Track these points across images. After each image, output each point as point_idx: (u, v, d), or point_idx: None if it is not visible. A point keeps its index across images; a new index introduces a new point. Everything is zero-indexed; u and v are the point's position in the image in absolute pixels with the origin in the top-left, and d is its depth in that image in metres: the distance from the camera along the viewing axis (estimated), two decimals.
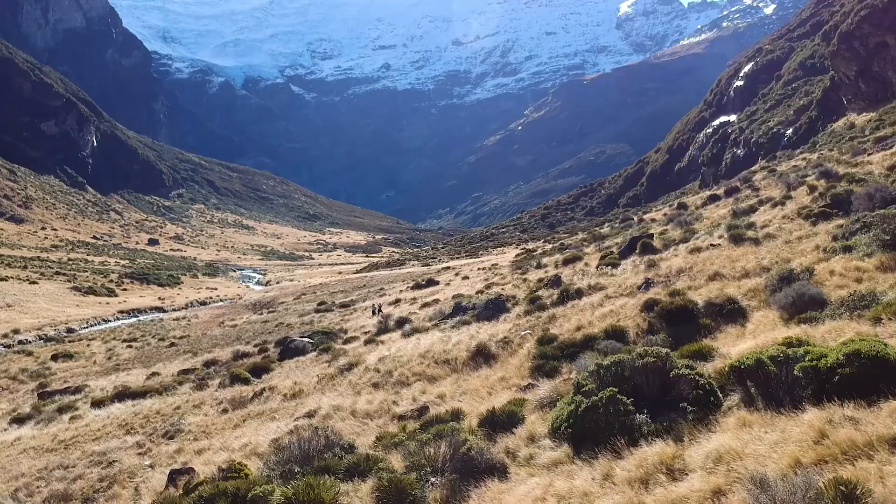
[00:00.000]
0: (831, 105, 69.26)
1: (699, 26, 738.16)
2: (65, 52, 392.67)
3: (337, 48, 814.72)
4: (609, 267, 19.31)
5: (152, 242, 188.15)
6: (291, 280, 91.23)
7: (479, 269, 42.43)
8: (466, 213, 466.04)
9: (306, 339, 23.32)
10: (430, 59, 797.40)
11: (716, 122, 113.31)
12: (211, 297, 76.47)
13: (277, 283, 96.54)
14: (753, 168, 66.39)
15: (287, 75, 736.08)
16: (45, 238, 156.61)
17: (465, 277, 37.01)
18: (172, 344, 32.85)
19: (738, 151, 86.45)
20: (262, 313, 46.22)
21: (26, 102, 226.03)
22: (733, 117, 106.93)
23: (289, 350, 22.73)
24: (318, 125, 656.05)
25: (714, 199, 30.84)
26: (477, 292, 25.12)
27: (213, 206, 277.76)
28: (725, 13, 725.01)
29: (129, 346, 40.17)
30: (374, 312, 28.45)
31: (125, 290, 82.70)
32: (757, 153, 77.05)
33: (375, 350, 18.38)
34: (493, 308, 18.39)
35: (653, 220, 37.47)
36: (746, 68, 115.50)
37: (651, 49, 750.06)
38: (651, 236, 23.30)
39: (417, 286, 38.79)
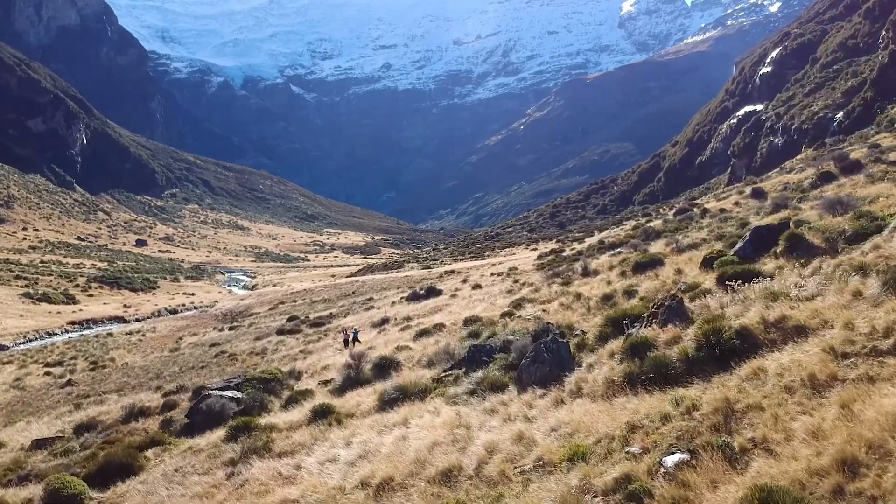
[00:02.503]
0: (888, 84, 60.61)
1: (703, 25, 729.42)
2: (59, 50, 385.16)
3: (337, 48, 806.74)
4: (762, 280, 10.43)
5: (140, 243, 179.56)
6: (275, 285, 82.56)
7: (492, 274, 33.31)
8: (468, 213, 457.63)
9: (229, 395, 14.57)
10: (431, 59, 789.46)
11: (741, 112, 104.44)
12: (184, 305, 67.79)
13: (263, 287, 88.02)
14: (802, 154, 57.58)
15: (287, 75, 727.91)
16: (25, 239, 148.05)
17: (477, 286, 28.13)
18: (69, 382, 24.27)
19: (776, 140, 77.61)
20: (222, 329, 37.67)
21: (12, 99, 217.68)
22: (760, 106, 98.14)
23: (199, 413, 14.08)
24: (317, 125, 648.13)
25: (828, 178, 22.03)
26: (502, 315, 16.28)
27: (208, 207, 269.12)
28: (730, 11, 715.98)
29: (48, 374, 31.70)
30: (346, 342, 19.86)
31: (91, 295, 74.16)
32: (799, 141, 68.38)
33: (323, 441, 9.63)
34: (550, 359, 9.58)
35: (722, 210, 28.69)
36: (773, 54, 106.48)
37: (654, 48, 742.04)
38: (786, 225, 14.47)
39: (414, 297, 30.07)
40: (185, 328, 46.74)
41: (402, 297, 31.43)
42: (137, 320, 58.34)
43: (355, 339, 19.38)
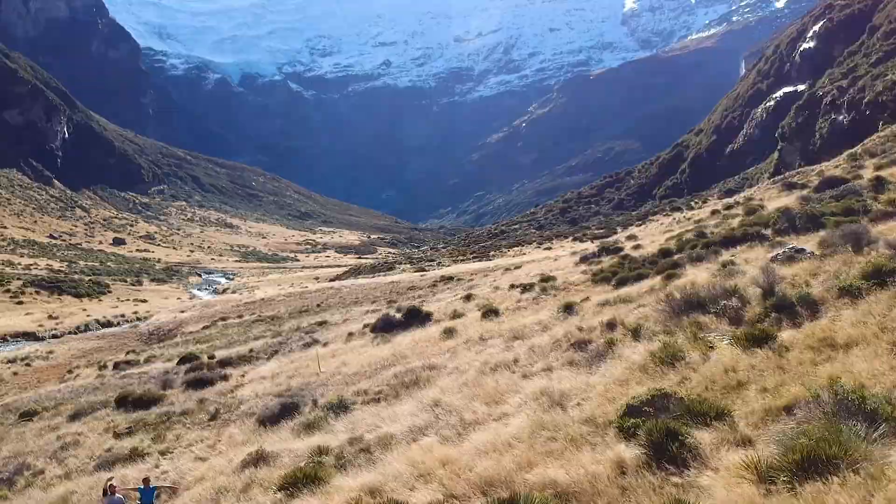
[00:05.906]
0: None
1: (707, 21, 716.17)
2: (47, 43, 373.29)
3: (336, 45, 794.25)
4: None
5: (118, 242, 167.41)
6: (235, 293, 70.48)
7: (512, 286, 20.64)
8: (469, 212, 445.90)
9: None
10: (432, 56, 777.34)
11: (779, 94, 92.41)
12: (123, 315, 55.64)
13: (233, 292, 75.81)
14: (885, 130, 45.01)
15: (285, 72, 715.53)
16: None
17: (491, 311, 15.53)
18: None
19: (840, 118, 65.56)
20: (105, 367, 25.80)
21: None
22: (802, 86, 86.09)
23: None
24: (317, 123, 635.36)
25: None
26: None
27: (196, 204, 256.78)
28: (734, 7, 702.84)
29: None
30: None
31: (20, 303, 62.10)
32: (872, 116, 56.58)
33: None
34: None
35: None
36: (815, 28, 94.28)
37: (658, 45, 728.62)
38: None
39: (385, 325, 18.00)
40: (92, 352, 34.58)
41: (365, 325, 19.33)
42: (54, 336, 46.28)
43: None
